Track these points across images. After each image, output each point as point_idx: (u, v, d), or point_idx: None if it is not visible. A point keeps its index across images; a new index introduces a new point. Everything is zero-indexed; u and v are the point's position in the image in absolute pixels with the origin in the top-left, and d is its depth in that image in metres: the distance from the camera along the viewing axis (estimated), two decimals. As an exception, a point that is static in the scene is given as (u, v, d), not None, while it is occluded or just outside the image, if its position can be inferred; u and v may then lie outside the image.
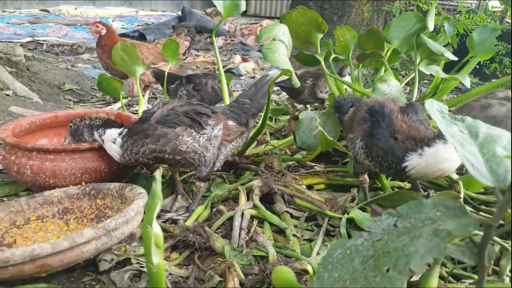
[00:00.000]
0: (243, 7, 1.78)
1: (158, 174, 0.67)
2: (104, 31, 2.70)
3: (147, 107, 2.20)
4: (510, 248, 0.95)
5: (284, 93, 3.40)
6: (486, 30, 2.02)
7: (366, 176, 1.39)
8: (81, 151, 1.27)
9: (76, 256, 0.92)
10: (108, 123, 1.30)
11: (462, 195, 1.34)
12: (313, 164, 1.69)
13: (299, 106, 2.76)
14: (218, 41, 5.99)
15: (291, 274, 0.81)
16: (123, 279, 0.98)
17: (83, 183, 1.28)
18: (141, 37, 5.44)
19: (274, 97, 3.22)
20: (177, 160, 1.27)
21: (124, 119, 1.54)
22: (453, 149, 1.07)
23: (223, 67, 4.36)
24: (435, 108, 0.81)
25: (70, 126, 1.37)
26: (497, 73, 3.66)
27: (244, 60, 4.53)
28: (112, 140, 1.25)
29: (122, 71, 2.17)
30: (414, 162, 1.12)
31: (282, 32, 1.45)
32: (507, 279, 0.98)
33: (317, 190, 1.52)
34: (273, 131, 2.22)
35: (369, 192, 1.45)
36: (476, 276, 1.04)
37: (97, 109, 1.72)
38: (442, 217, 0.67)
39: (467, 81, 1.78)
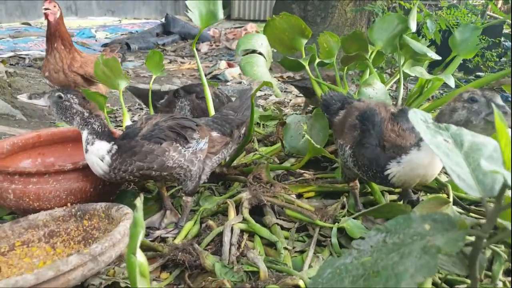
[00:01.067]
0: (220, 16, 1.76)
1: (138, 202, 0.65)
2: (58, 14, 2.25)
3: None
4: (502, 253, 0.94)
5: (272, 97, 3.40)
6: (468, 29, 2.03)
7: (357, 181, 1.38)
8: (64, 172, 1.24)
9: (61, 284, 0.90)
10: (101, 134, 1.22)
11: (451, 198, 1.34)
12: (302, 171, 1.68)
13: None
14: (203, 47, 5.96)
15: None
16: (112, 304, 0.96)
17: (68, 204, 1.25)
18: (125, 46, 5.40)
19: (261, 101, 3.21)
20: (163, 176, 1.25)
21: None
22: (427, 155, 1.08)
23: (209, 73, 4.34)
24: (419, 118, 0.80)
25: (61, 97, 1.23)
26: (481, 66, 3.70)
27: (230, 65, 4.51)
28: (100, 157, 1.20)
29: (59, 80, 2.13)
30: (395, 170, 1.12)
31: (261, 43, 1.44)
32: (500, 284, 0.98)
33: (307, 198, 1.51)
34: (261, 138, 2.20)
35: (360, 198, 1.44)
36: (469, 281, 1.03)
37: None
38: (431, 231, 0.66)
39: (451, 81, 1.79)
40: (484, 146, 0.75)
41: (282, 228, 1.29)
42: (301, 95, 3.49)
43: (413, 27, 2.14)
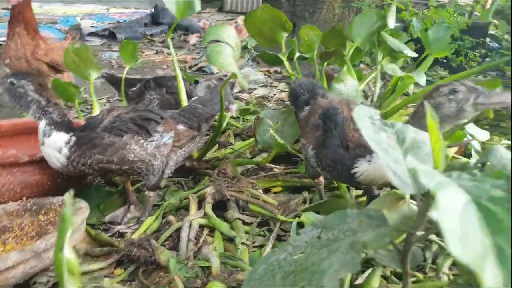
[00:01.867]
0: (197, 7, 1.74)
1: (67, 196, 0.64)
2: None
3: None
4: (446, 247, 0.94)
5: (256, 92, 3.38)
6: (441, 28, 2.03)
7: (321, 178, 1.38)
8: (19, 164, 1.22)
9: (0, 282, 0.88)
10: (59, 124, 1.18)
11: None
12: (273, 166, 1.68)
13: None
14: (192, 38, 5.91)
15: (221, 290, 0.79)
16: (59, 300, 0.94)
17: (24, 198, 1.23)
18: (112, 36, 5.33)
19: (245, 95, 3.19)
20: (124, 170, 1.24)
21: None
22: None
23: (195, 65, 4.30)
24: (364, 115, 0.80)
25: (13, 84, 1.15)
26: (464, 65, 3.72)
27: (216, 59, 4.48)
28: (57, 149, 1.16)
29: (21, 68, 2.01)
30: (363, 168, 1.12)
31: (228, 34, 1.43)
32: (445, 277, 0.98)
33: (275, 193, 1.50)
34: (239, 132, 2.19)
35: (326, 192, 1.44)
36: (419, 275, 1.03)
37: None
38: (363, 227, 0.66)
39: (422, 80, 1.79)
40: (424, 144, 0.75)
41: (244, 223, 1.28)
42: (286, 90, 3.48)
43: (392, 24, 2.14)
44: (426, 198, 0.62)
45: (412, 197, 1.35)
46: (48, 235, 0.95)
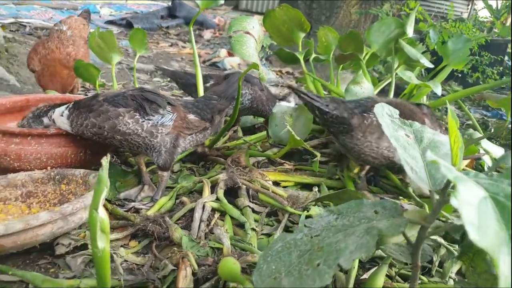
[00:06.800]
0: (221, 1, 1.79)
1: (105, 161, 0.69)
2: None
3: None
4: (454, 252, 0.98)
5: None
6: (461, 40, 2.07)
7: None
8: (47, 136, 1.27)
9: (30, 238, 0.93)
10: (56, 105, 1.36)
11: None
12: (283, 161, 1.72)
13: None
14: (206, 34, 5.97)
15: (235, 266, 0.83)
16: (77, 263, 0.99)
17: (48, 167, 1.28)
18: (129, 25, 5.40)
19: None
20: (119, 140, 1.29)
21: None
22: None
23: (208, 60, 4.36)
24: (385, 112, 0.84)
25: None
26: (480, 82, 3.72)
27: (230, 54, 4.53)
28: (60, 113, 1.31)
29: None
30: None
31: (252, 25, 1.47)
32: (451, 281, 1.02)
33: (284, 187, 1.55)
34: (248, 128, 2.23)
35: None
36: (424, 278, 1.08)
37: (69, 95, 1.71)
38: (378, 216, 0.70)
39: (438, 89, 1.83)
40: (442, 144, 0.79)
41: (254, 211, 1.32)
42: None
43: (410, 32, 2.17)
44: (442, 194, 0.66)
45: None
46: (74, 201, 1.00)
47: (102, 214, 0.69)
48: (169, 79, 3.32)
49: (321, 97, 1.42)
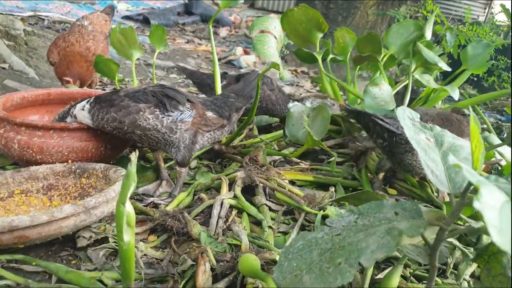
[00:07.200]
0: (241, 0, 1.80)
1: (133, 156, 0.71)
2: None
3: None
4: (469, 254, 0.99)
5: (284, 90, 3.42)
6: (481, 45, 2.05)
7: None
8: (69, 130, 1.30)
9: (54, 230, 0.96)
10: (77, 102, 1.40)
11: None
12: (299, 160, 1.73)
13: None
14: (222, 31, 5.99)
15: (256, 262, 0.84)
16: (99, 256, 1.02)
17: (69, 161, 1.31)
18: (145, 21, 5.45)
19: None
20: (138, 135, 1.31)
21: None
22: None
23: (224, 58, 4.38)
24: (406, 116, 0.85)
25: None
26: (495, 86, 3.68)
27: (246, 52, 4.55)
28: (81, 108, 1.34)
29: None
30: None
31: (274, 25, 1.48)
32: (465, 283, 1.02)
33: (300, 186, 1.56)
34: (264, 127, 2.24)
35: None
36: (438, 279, 1.08)
37: (89, 90, 1.74)
38: (398, 217, 0.71)
39: (455, 94, 1.82)
40: (462, 149, 0.80)
41: (270, 209, 1.34)
42: (312, 90, 3.51)
43: (429, 35, 2.16)
44: (461, 197, 0.67)
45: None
46: (96, 194, 1.02)
47: (129, 208, 0.71)
48: (185, 76, 3.35)
49: (387, 116, 1.41)
